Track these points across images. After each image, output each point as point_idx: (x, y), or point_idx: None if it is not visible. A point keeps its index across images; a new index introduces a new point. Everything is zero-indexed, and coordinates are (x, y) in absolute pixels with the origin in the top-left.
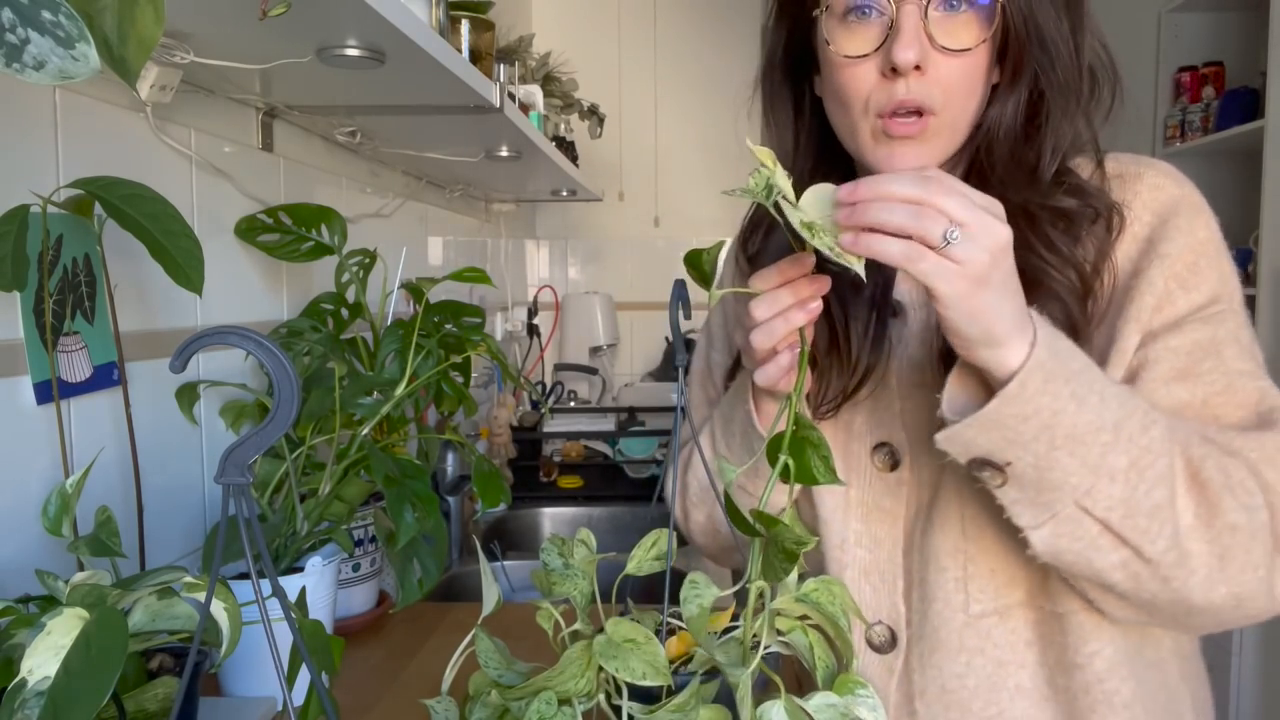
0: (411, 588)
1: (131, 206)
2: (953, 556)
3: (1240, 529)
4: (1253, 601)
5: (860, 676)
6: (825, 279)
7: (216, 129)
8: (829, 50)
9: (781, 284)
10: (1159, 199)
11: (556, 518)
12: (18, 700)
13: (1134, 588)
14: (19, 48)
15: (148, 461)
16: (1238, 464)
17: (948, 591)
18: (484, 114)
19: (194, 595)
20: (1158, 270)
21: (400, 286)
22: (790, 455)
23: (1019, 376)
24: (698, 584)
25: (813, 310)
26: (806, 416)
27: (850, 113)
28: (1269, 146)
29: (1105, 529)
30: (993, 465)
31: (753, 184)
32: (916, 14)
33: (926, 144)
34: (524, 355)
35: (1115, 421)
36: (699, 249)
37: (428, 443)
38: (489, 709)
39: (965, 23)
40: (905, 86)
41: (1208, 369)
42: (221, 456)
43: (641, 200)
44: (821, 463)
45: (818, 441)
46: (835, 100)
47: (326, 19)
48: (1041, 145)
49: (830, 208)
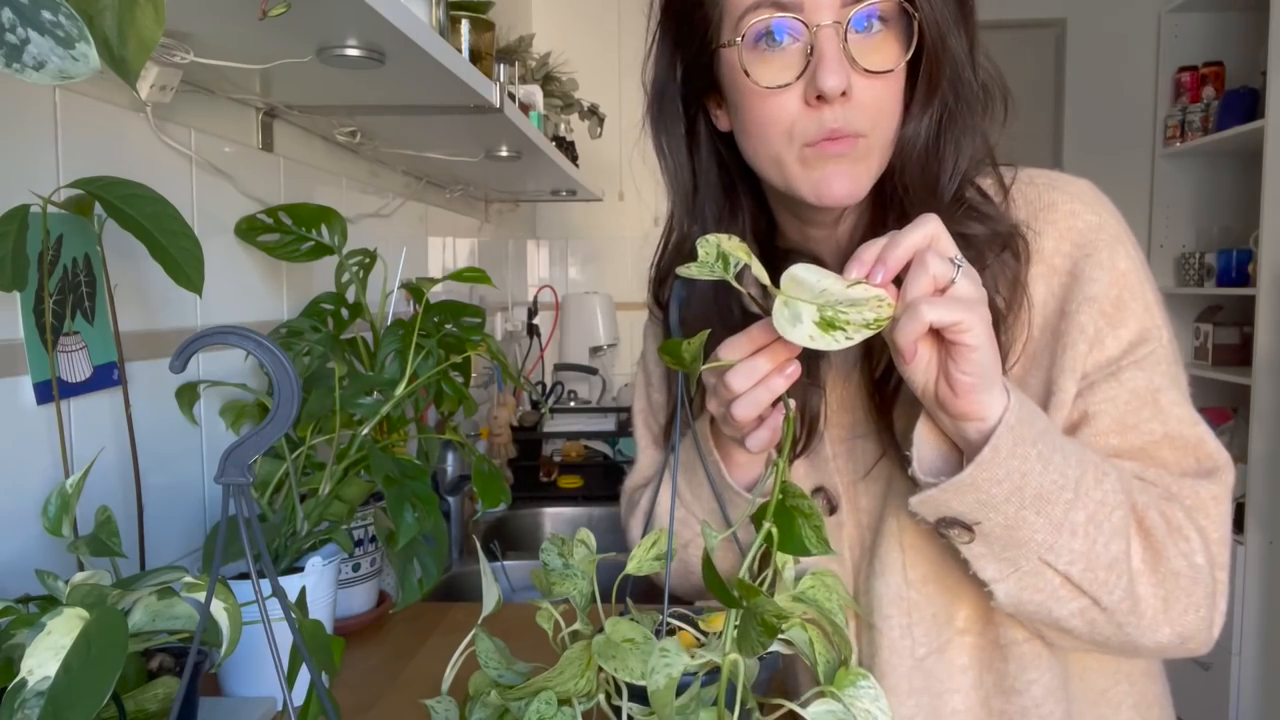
0: (411, 588)
1: (131, 206)
2: (896, 604)
3: (1182, 574)
4: (1194, 639)
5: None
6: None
7: (216, 129)
8: (745, 81)
9: (754, 352)
10: (1076, 227)
11: (556, 518)
12: (18, 700)
13: (1089, 632)
14: (19, 48)
15: (148, 461)
16: (1174, 509)
17: (894, 638)
18: (484, 114)
19: (194, 595)
20: (1087, 315)
21: (400, 286)
22: (778, 525)
23: (992, 441)
24: (668, 652)
25: (792, 374)
26: (794, 484)
27: (772, 144)
28: (1269, 146)
29: (1066, 581)
30: (961, 525)
31: (705, 256)
32: (835, 37)
33: (859, 162)
34: (524, 355)
35: (1076, 478)
36: (676, 340)
37: (428, 443)
38: (489, 709)
39: (883, 42)
40: (833, 114)
41: (1146, 418)
42: (221, 456)
43: (641, 200)
44: (813, 533)
45: (809, 511)
46: (753, 132)
47: (326, 19)
48: (944, 162)
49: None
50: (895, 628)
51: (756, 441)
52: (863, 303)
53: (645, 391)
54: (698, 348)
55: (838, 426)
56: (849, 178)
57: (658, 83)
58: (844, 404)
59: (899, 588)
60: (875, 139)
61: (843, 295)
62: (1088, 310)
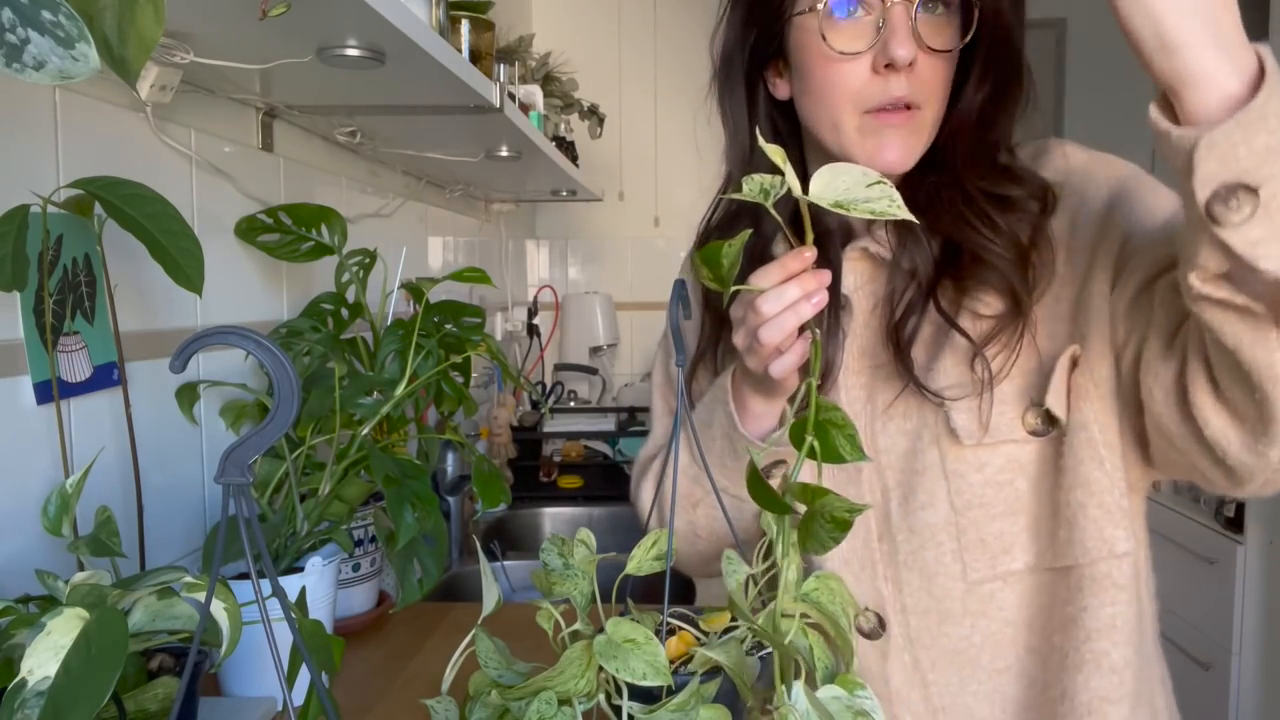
0: (411, 588)
1: (131, 206)
2: (946, 530)
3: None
4: None
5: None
6: (827, 273)
7: (216, 129)
8: (819, 46)
9: (785, 279)
10: (1071, 163)
11: (556, 518)
12: (18, 700)
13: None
14: (19, 48)
15: (148, 461)
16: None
17: (946, 564)
18: (484, 114)
19: (194, 595)
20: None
21: (400, 286)
22: (815, 437)
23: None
24: (733, 559)
25: (819, 303)
26: (825, 399)
27: (835, 108)
28: None
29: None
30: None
31: (749, 189)
32: (907, 13)
33: (913, 134)
34: (524, 355)
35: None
36: (718, 242)
37: (428, 443)
38: (489, 709)
39: (946, 24)
40: (899, 83)
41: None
42: (221, 456)
43: (641, 200)
44: (847, 441)
45: (841, 421)
46: (820, 95)
47: (326, 19)
48: (997, 138)
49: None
50: (947, 553)
51: (779, 367)
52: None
53: (666, 364)
54: (737, 251)
55: (857, 373)
56: (903, 147)
57: (726, 51)
58: (864, 350)
59: (947, 514)
60: (929, 113)
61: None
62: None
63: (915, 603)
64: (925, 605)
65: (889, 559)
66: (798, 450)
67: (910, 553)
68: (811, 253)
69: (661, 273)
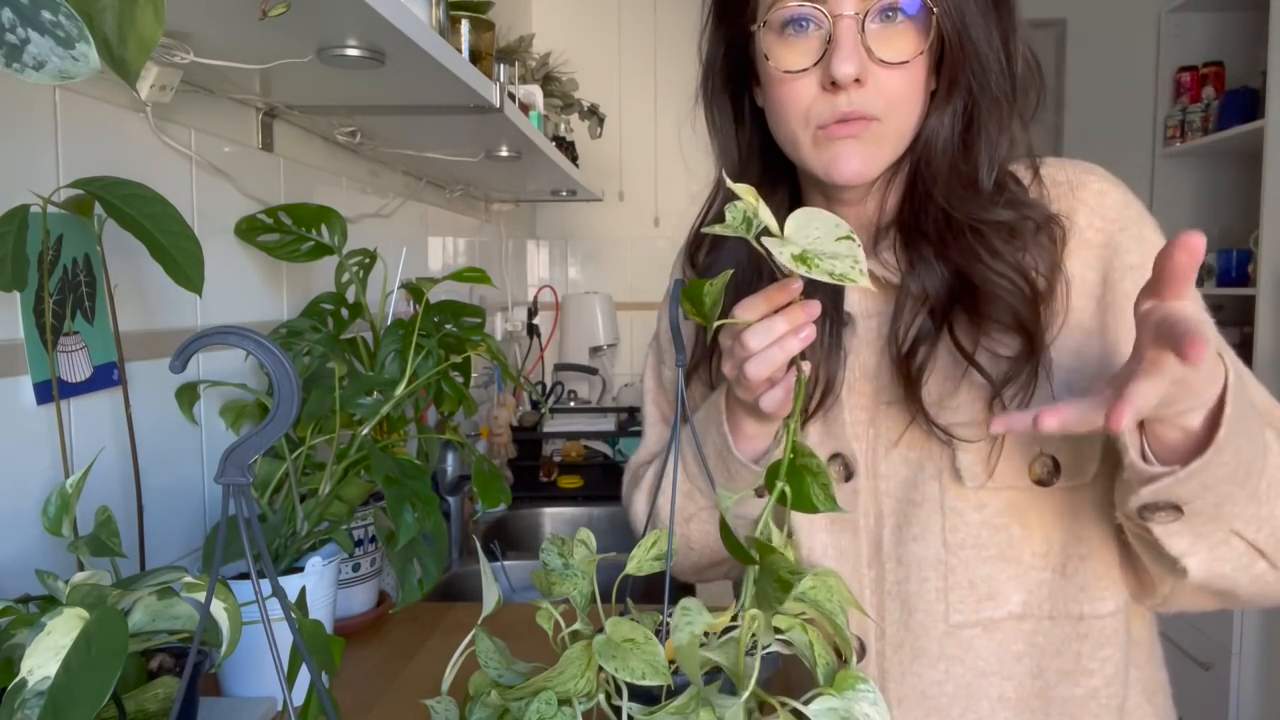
0: (411, 588)
1: (131, 206)
2: (934, 568)
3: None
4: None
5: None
6: (815, 304)
7: (216, 129)
8: (768, 65)
9: (771, 312)
10: (1106, 204)
11: (556, 518)
12: (18, 700)
13: (1258, 591)
14: (19, 48)
15: (148, 461)
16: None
17: (929, 602)
18: (484, 114)
19: (194, 595)
20: (1132, 282)
21: (400, 286)
22: (789, 483)
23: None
24: (689, 610)
25: (806, 338)
26: (805, 444)
27: (791, 124)
28: (1269, 146)
29: (1251, 547)
30: (1170, 507)
31: (731, 220)
32: (854, 27)
33: (871, 145)
34: (524, 355)
35: (1263, 444)
36: (700, 280)
37: (428, 443)
38: (489, 709)
39: (901, 34)
40: (846, 99)
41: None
42: (221, 456)
43: (641, 200)
44: (821, 490)
45: (817, 470)
46: (776, 112)
47: (326, 19)
48: (979, 156)
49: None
50: (931, 591)
51: (770, 401)
52: (843, 257)
53: (657, 370)
54: (719, 290)
55: (860, 394)
56: (859, 158)
57: (710, 58)
58: (866, 372)
59: (938, 551)
60: (890, 124)
61: (828, 248)
62: (1131, 278)
63: (892, 634)
64: (900, 639)
65: (876, 585)
66: (769, 494)
67: (895, 582)
68: (798, 284)
69: (661, 273)
